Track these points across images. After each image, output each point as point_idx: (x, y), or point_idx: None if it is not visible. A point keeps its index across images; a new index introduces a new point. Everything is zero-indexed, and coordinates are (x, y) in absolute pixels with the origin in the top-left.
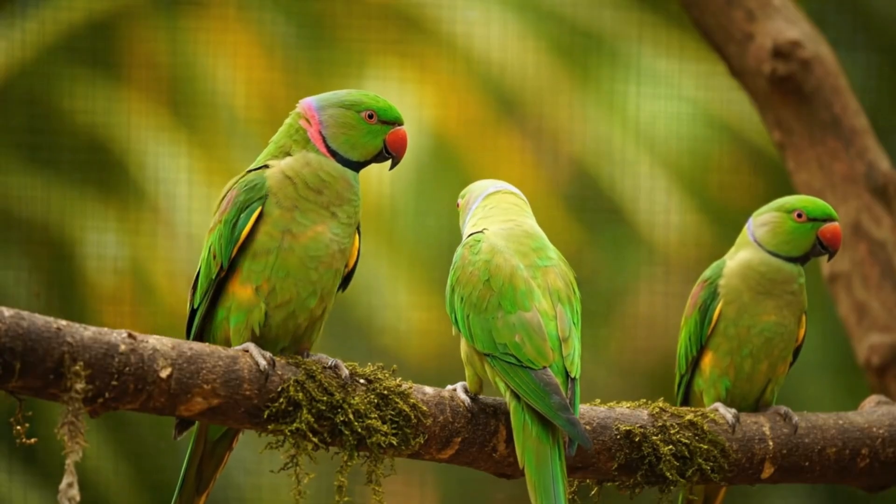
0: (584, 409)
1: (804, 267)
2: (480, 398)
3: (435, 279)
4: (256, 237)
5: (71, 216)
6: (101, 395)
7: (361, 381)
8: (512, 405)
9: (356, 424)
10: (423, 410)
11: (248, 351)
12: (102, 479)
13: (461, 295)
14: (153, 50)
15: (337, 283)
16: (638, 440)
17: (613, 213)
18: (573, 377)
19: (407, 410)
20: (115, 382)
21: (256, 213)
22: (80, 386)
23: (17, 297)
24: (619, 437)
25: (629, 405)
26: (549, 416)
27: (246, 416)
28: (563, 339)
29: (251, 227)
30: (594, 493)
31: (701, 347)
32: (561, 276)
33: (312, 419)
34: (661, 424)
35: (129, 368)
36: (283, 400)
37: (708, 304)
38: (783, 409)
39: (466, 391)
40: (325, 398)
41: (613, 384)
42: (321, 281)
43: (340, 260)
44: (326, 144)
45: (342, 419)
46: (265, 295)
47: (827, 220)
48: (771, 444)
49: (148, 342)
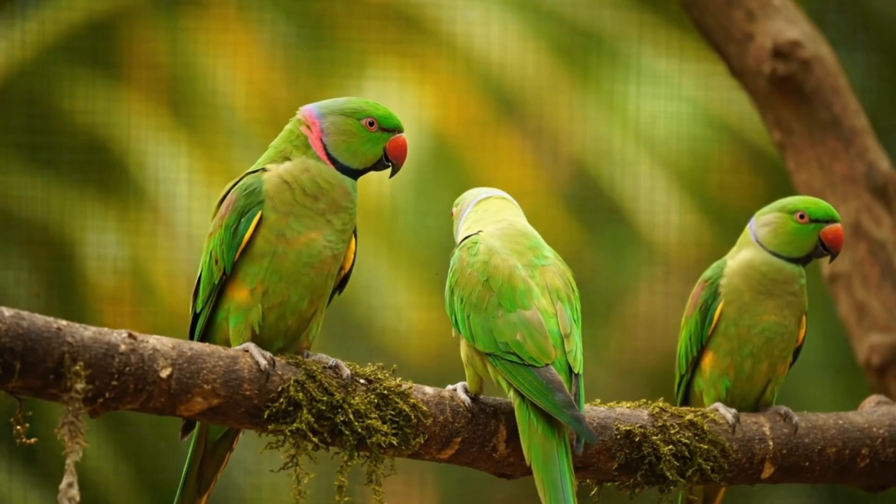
0: (584, 408)
1: (805, 267)
2: (480, 398)
3: (435, 279)
4: (255, 241)
5: (71, 216)
6: (101, 395)
7: (361, 381)
8: (516, 402)
9: (356, 424)
10: (423, 410)
11: (248, 351)
12: (102, 479)
13: (461, 296)
14: (153, 50)
15: (330, 285)
16: (638, 440)
17: (613, 213)
18: (577, 373)
19: (407, 410)
20: (115, 382)
21: (257, 217)
22: (80, 386)
23: (17, 297)
24: (619, 437)
25: (629, 405)
26: (553, 413)
27: (246, 416)
28: (564, 335)
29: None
30: (594, 493)
31: (701, 347)
32: (559, 274)
33: (312, 419)
34: (661, 424)
35: (129, 368)
36: (283, 400)
37: (709, 304)
38: (783, 409)
39: (466, 391)
40: (325, 398)
41: (613, 384)
42: (313, 284)
43: (334, 265)
44: (327, 152)
45: (342, 419)
46: (259, 297)
47: (829, 221)
48: (771, 444)
49: (148, 342)
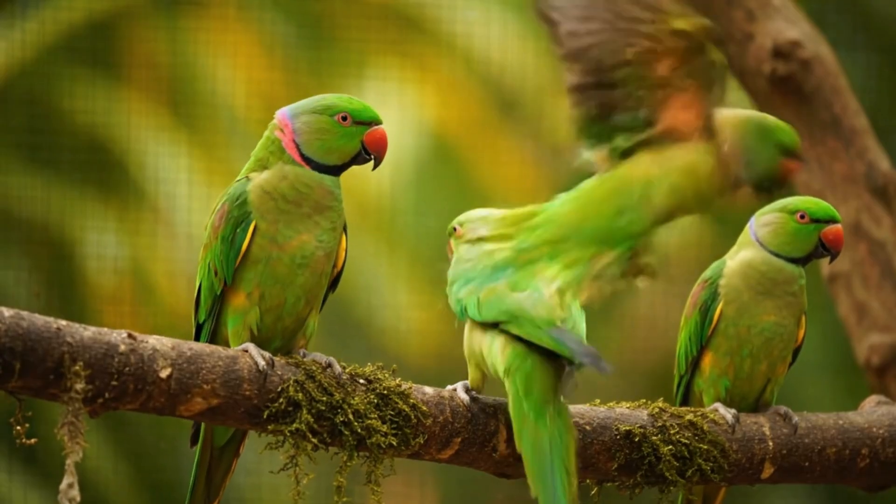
0: (584, 409)
1: (804, 268)
2: (480, 398)
3: (435, 279)
4: (249, 248)
5: (71, 216)
6: (100, 395)
7: (361, 381)
8: (510, 393)
9: (356, 424)
10: (422, 410)
11: (247, 351)
12: (102, 479)
13: (464, 270)
14: (153, 50)
15: (324, 284)
16: (638, 440)
17: None
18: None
19: (407, 410)
20: (114, 382)
21: (252, 226)
22: (79, 386)
23: (17, 297)
24: (618, 437)
25: (629, 405)
26: (566, 353)
27: (246, 416)
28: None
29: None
30: (594, 493)
31: (701, 348)
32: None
33: (312, 419)
34: (660, 424)
35: (128, 368)
36: (282, 400)
37: (708, 304)
38: (783, 409)
39: (467, 391)
40: (324, 398)
41: (613, 384)
42: (307, 285)
43: (327, 263)
44: (301, 152)
45: (342, 419)
46: (256, 300)
47: (830, 221)
48: (771, 444)
49: (148, 342)
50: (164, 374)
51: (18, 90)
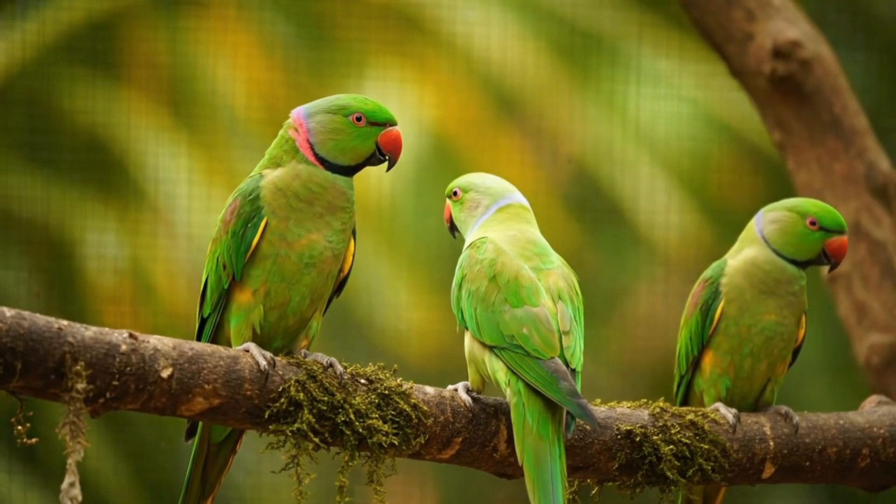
0: None
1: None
2: (481, 398)
3: (435, 279)
4: (259, 245)
5: (71, 216)
6: (102, 395)
7: (362, 381)
8: (513, 402)
9: (357, 424)
10: (423, 410)
11: (248, 351)
12: (102, 479)
13: (468, 290)
14: (153, 50)
15: (331, 285)
16: (639, 440)
17: (613, 213)
18: (573, 369)
19: (408, 410)
20: (116, 382)
21: (263, 223)
22: (81, 386)
23: (17, 297)
24: (619, 436)
25: (630, 405)
26: (558, 400)
27: (247, 416)
28: (563, 332)
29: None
30: (595, 493)
31: (702, 347)
32: (563, 276)
33: (313, 419)
34: (661, 424)
35: (130, 368)
36: (284, 400)
37: (709, 303)
38: (784, 409)
39: (468, 391)
40: (326, 398)
41: (613, 384)
42: (314, 285)
43: (334, 265)
44: (315, 152)
45: (343, 419)
46: (262, 298)
47: (838, 231)
48: (771, 444)
49: (149, 342)
50: (165, 373)
51: (18, 90)
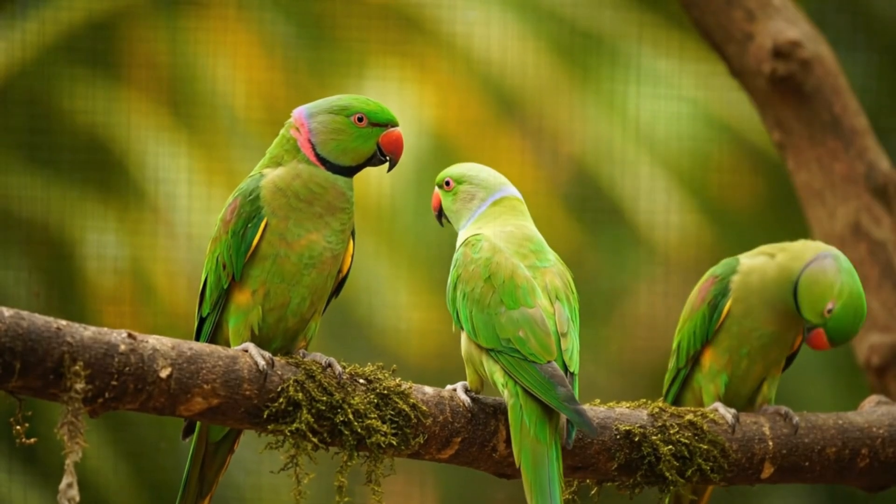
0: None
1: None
2: (480, 398)
3: (435, 279)
4: (259, 245)
5: (71, 216)
6: (100, 395)
7: (361, 381)
8: (510, 403)
9: (356, 424)
10: (422, 410)
11: (247, 351)
12: (102, 479)
13: (463, 291)
14: (153, 50)
15: (330, 286)
16: (638, 440)
17: (613, 213)
18: (571, 372)
19: (407, 410)
20: (114, 382)
21: (264, 223)
22: (79, 386)
23: (17, 297)
24: (618, 437)
25: (629, 405)
26: (555, 406)
27: (246, 416)
28: (561, 334)
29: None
30: (594, 493)
31: (704, 342)
32: (559, 275)
33: (312, 419)
34: (660, 424)
35: (128, 368)
36: (282, 400)
37: (718, 299)
38: (783, 409)
39: (467, 391)
40: (324, 398)
41: (613, 384)
42: (313, 285)
43: (333, 265)
44: (316, 152)
45: (342, 419)
46: (261, 299)
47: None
48: (771, 444)
49: (148, 342)
50: (164, 373)
51: (18, 90)
